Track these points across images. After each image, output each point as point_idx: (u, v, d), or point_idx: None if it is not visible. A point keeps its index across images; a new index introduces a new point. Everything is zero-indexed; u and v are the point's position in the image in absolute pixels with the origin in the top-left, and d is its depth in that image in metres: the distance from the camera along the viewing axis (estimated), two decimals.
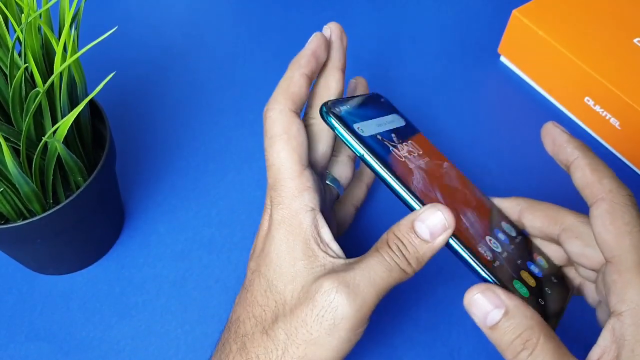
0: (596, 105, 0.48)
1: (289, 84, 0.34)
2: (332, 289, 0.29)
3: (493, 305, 0.29)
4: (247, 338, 0.31)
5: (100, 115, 0.39)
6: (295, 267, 0.31)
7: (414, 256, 0.30)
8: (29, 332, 0.39)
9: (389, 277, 0.30)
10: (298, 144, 0.32)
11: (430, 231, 0.30)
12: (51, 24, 0.34)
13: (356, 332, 0.30)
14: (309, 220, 0.32)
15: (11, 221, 0.36)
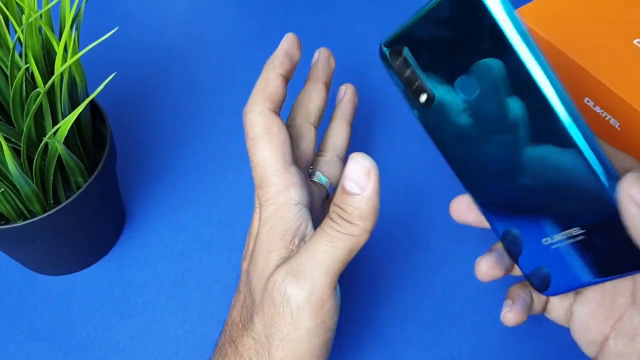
0: (596, 106, 0.48)
1: (266, 85, 0.34)
2: (281, 283, 0.29)
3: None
4: (238, 342, 0.31)
5: (100, 116, 0.39)
6: (266, 260, 0.31)
7: (354, 214, 0.29)
8: (29, 332, 0.39)
9: (333, 248, 0.29)
10: (280, 142, 0.33)
11: (356, 182, 0.28)
12: (52, 25, 0.34)
13: (321, 317, 0.29)
14: (292, 213, 0.31)
15: (12, 221, 0.36)
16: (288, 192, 0.32)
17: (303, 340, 0.29)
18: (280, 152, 0.32)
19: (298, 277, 0.29)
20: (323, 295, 0.29)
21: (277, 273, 0.29)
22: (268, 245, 0.31)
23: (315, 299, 0.29)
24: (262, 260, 0.31)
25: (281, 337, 0.29)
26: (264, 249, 0.31)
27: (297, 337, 0.29)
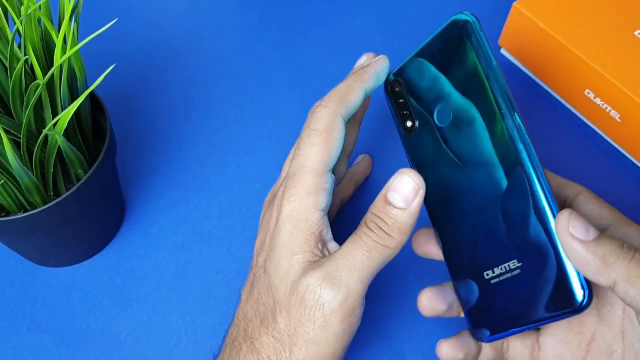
0: (596, 97, 0.48)
1: (348, 91, 0.34)
2: (316, 286, 0.29)
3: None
4: (255, 338, 0.31)
5: (100, 108, 0.39)
6: (290, 261, 0.31)
7: (394, 227, 0.30)
8: (31, 323, 0.39)
9: (370, 258, 0.30)
10: (333, 146, 0.32)
11: (404, 197, 0.30)
12: (51, 16, 0.34)
13: (350, 323, 0.30)
14: (316, 219, 0.31)
15: (12, 213, 0.36)
16: (317, 197, 0.31)
17: (329, 343, 0.30)
18: (328, 155, 0.32)
19: (334, 283, 0.29)
20: (355, 302, 0.30)
21: (311, 276, 0.30)
22: (291, 246, 0.31)
23: (348, 306, 0.29)
24: (284, 260, 0.31)
25: (307, 339, 0.30)
26: (287, 250, 0.31)
27: (324, 340, 0.30)
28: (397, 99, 0.34)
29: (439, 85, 0.31)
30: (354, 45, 0.56)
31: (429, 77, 0.32)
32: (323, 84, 0.52)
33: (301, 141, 0.33)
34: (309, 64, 0.54)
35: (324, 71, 0.53)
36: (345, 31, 0.57)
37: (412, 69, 0.33)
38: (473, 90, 0.29)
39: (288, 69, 0.54)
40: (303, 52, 0.55)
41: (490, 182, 0.29)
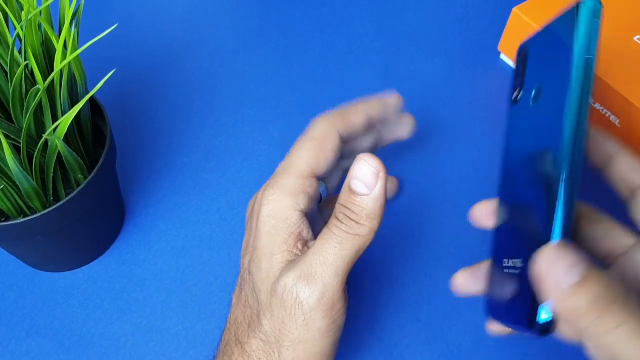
0: (596, 102, 0.48)
1: (350, 110, 0.34)
2: (292, 286, 0.29)
3: (575, 261, 0.24)
4: (244, 342, 0.31)
5: (100, 113, 0.39)
6: (270, 262, 0.31)
7: (362, 214, 0.29)
8: (30, 328, 0.39)
9: (342, 249, 0.29)
10: (324, 154, 0.33)
11: (365, 183, 0.29)
12: (51, 21, 0.34)
13: (332, 317, 0.30)
14: (295, 218, 0.31)
15: (11, 218, 0.36)
16: (297, 197, 0.32)
17: (315, 340, 0.30)
18: (316, 161, 0.32)
19: (309, 280, 0.29)
20: (334, 296, 0.29)
21: (287, 276, 0.30)
22: (271, 246, 0.31)
23: (327, 300, 0.29)
24: (265, 261, 0.31)
25: (292, 339, 0.30)
26: (267, 250, 0.31)
27: (310, 338, 0.29)
28: (518, 67, 0.33)
29: (546, 64, 0.30)
30: (353, 50, 0.56)
31: (544, 53, 0.30)
32: (322, 89, 0.53)
33: (294, 146, 0.33)
34: (309, 68, 0.54)
35: (323, 76, 0.54)
36: (345, 36, 0.57)
37: (539, 41, 0.31)
38: (563, 79, 0.27)
39: (288, 74, 0.54)
40: (303, 56, 0.55)
41: (543, 174, 0.28)
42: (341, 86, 0.53)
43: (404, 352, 0.39)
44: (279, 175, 0.33)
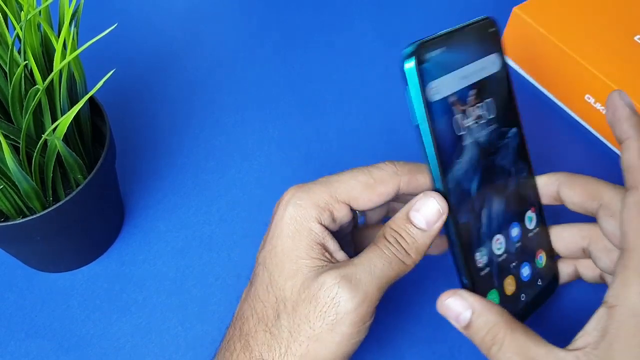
0: (596, 102, 0.47)
1: (418, 171, 0.33)
2: (334, 285, 0.29)
3: (462, 308, 0.31)
4: (250, 336, 0.31)
5: (100, 113, 0.39)
6: (297, 264, 0.31)
7: (412, 246, 0.31)
8: (29, 329, 0.39)
9: (390, 269, 0.30)
10: (369, 195, 0.32)
11: (426, 219, 0.31)
12: (51, 22, 0.34)
13: (359, 328, 0.30)
14: (318, 230, 0.31)
15: (11, 219, 0.36)
16: (322, 212, 0.32)
17: (333, 344, 0.29)
18: (357, 196, 0.32)
19: (353, 284, 0.29)
20: (369, 308, 0.30)
21: (328, 275, 0.30)
22: (296, 250, 0.31)
23: (363, 310, 0.29)
24: (290, 263, 0.31)
25: (310, 335, 0.29)
26: (292, 253, 0.31)
27: (329, 339, 0.29)
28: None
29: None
30: (353, 51, 0.56)
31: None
32: (323, 90, 0.52)
33: (353, 169, 0.33)
34: (309, 69, 0.54)
35: (323, 76, 0.54)
36: (345, 37, 0.57)
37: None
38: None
39: (288, 75, 0.54)
40: (303, 57, 0.55)
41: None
42: (341, 87, 0.53)
43: (404, 353, 0.39)
44: (316, 184, 0.32)
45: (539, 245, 0.36)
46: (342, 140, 0.49)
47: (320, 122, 0.50)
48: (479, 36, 0.32)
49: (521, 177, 0.35)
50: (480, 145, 0.32)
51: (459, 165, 0.31)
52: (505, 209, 0.34)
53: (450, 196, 0.31)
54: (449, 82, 0.31)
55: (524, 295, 0.35)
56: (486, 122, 0.32)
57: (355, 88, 0.53)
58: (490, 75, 0.33)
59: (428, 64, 0.30)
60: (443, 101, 0.30)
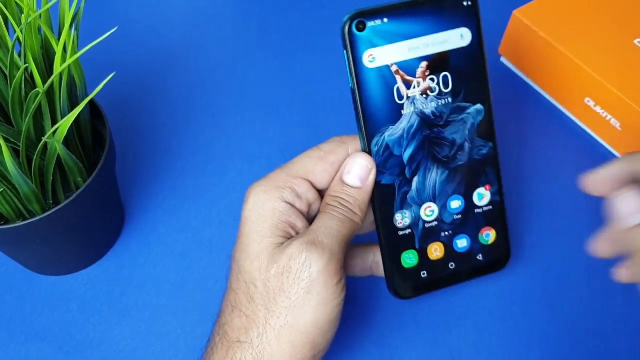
0: (596, 105, 0.48)
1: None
2: (301, 251, 0.31)
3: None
4: (227, 325, 0.32)
5: (99, 116, 0.39)
6: (260, 244, 0.32)
7: (355, 204, 0.33)
8: (29, 332, 0.39)
9: (343, 227, 0.32)
10: (323, 164, 0.34)
11: (358, 177, 0.33)
12: (51, 24, 0.34)
13: (332, 287, 0.30)
14: (282, 208, 0.33)
15: (11, 221, 0.36)
16: (282, 190, 0.33)
17: (311, 307, 0.30)
18: (312, 167, 0.34)
19: (317, 246, 0.31)
20: (337, 265, 0.31)
21: (293, 245, 0.31)
22: (259, 231, 0.32)
23: (332, 267, 0.31)
24: (255, 244, 0.32)
25: (287, 304, 0.30)
26: (256, 235, 0.32)
27: (306, 302, 0.30)
28: None
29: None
30: None
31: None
32: (323, 91, 0.52)
33: (304, 152, 0.34)
34: (309, 71, 0.54)
35: (324, 78, 0.54)
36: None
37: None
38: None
39: (288, 76, 0.54)
40: (303, 59, 0.55)
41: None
42: (341, 89, 0.53)
43: (403, 357, 0.39)
44: (273, 171, 0.34)
45: (488, 223, 0.37)
46: None
47: (320, 124, 0.50)
48: (448, 9, 0.33)
49: (479, 153, 0.35)
50: (423, 115, 0.33)
51: (390, 131, 0.33)
52: (447, 180, 0.35)
53: (374, 157, 0.33)
54: (392, 51, 0.32)
55: (452, 264, 0.36)
56: (437, 94, 0.34)
57: None
58: (453, 50, 0.33)
59: (367, 32, 0.31)
60: (382, 68, 0.32)
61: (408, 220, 0.35)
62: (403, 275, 0.36)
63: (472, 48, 0.34)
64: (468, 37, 0.33)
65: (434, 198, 0.35)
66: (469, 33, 0.33)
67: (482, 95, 0.35)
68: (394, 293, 0.36)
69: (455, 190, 0.35)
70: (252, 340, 0.31)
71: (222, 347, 0.31)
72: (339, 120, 0.50)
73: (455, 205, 0.36)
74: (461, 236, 0.36)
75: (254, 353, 0.30)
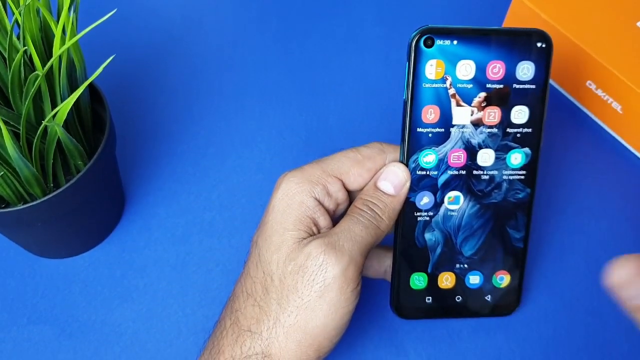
0: (598, 89, 0.47)
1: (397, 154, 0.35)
2: (320, 253, 0.30)
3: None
4: (239, 312, 0.32)
5: (99, 99, 0.39)
6: (283, 236, 0.32)
7: (385, 211, 0.33)
8: (31, 314, 0.40)
9: (367, 235, 0.32)
10: (359, 168, 0.34)
11: (393, 185, 0.33)
12: (50, 7, 0.34)
13: (346, 295, 0.30)
14: (310, 204, 0.32)
15: (12, 205, 0.36)
16: (315, 186, 0.33)
17: (322, 311, 0.30)
18: (347, 170, 0.34)
19: (337, 250, 0.30)
20: (355, 272, 0.31)
21: (312, 245, 0.31)
22: (284, 222, 0.32)
23: (349, 275, 0.30)
24: (277, 236, 0.32)
25: (299, 304, 0.30)
26: (279, 226, 0.32)
27: (318, 306, 0.30)
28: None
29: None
30: (353, 37, 0.55)
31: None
32: (323, 76, 0.52)
33: (343, 150, 0.35)
34: (309, 55, 0.54)
35: (323, 62, 0.53)
36: (345, 22, 0.57)
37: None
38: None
39: (288, 61, 0.53)
40: (303, 43, 0.55)
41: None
42: (342, 73, 0.53)
43: (404, 339, 0.39)
44: (309, 164, 0.34)
45: (506, 267, 0.36)
46: (342, 126, 0.49)
47: (320, 108, 0.50)
48: (520, 45, 0.33)
49: (515, 197, 0.35)
50: (469, 145, 0.33)
51: (432, 152, 0.33)
52: (476, 214, 0.35)
53: (411, 173, 0.33)
54: (455, 74, 0.32)
55: (460, 298, 0.36)
56: (488, 127, 0.33)
57: (355, 74, 0.52)
58: (515, 88, 0.33)
59: (434, 49, 0.31)
60: (439, 90, 0.32)
61: (427, 243, 0.35)
62: (408, 295, 0.35)
63: (536, 91, 0.33)
64: (534, 79, 0.33)
65: (458, 229, 0.35)
66: (535, 74, 0.33)
67: (533, 140, 0.34)
68: (394, 310, 0.36)
69: (482, 226, 0.35)
70: (262, 333, 0.31)
71: (233, 333, 0.31)
72: (338, 104, 0.50)
73: (477, 241, 0.35)
74: (475, 272, 0.36)
75: (263, 345, 0.30)
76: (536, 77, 0.33)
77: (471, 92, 0.32)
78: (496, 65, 0.32)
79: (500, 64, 0.32)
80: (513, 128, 0.34)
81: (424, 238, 0.35)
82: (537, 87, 0.33)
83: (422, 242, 0.35)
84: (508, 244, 0.36)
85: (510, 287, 0.37)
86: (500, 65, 0.32)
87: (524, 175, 0.35)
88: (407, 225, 0.34)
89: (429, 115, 0.32)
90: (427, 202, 0.34)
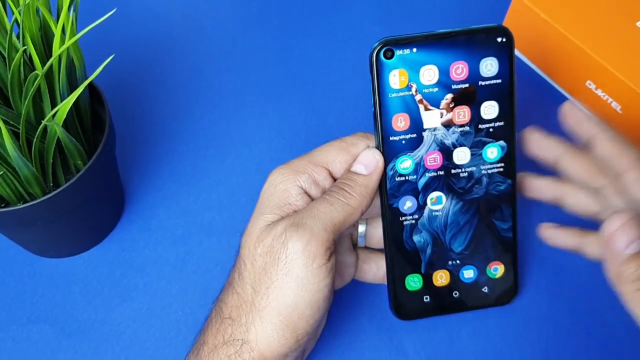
0: (598, 89, 0.47)
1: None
2: (282, 232, 0.31)
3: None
4: (222, 302, 0.33)
5: (99, 99, 0.39)
6: (258, 220, 0.33)
7: (354, 187, 0.32)
8: (31, 314, 0.40)
9: (334, 211, 0.32)
10: (344, 154, 0.34)
11: (364, 164, 0.33)
12: (49, 6, 0.34)
13: (312, 270, 0.30)
14: (293, 191, 0.33)
15: (11, 204, 0.36)
16: (300, 175, 0.33)
17: (290, 289, 0.30)
18: (333, 157, 0.34)
19: (298, 228, 0.31)
20: (319, 248, 0.30)
21: (278, 225, 0.31)
22: (262, 208, 0.33)
23: (311, 250, 0.30)
24: (253, 221, 0.33)
25: (269, 285, 0.31)
26: (258, 212, 0.33)
27: (286, 284, 0.30)
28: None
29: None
30: (353, 35, 0.55)
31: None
32: (323, 74, 0.52)
33: (340, 140, 0.35)
34: (309, 53, 0.54)
35: (323, 61, 0.53)
36: (345, 20, 0.56)
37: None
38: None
39: (288, 59, 0.53)
40: (302, 41, 0.55)
41: None
42: (342, 72, 0.53)
43: (403, 338, 0.39)
44: (296, 158, 0.35)
45: (498, 258, 0.37)
46: (342, 126, 0.49)
47: (320, 108, 0.50)
48: (480, 43, 0.33)
49: (496, 189, 0.35)
50: (443, 146, 0.34)
51: (407, 157, 0.34)
52: (460, 211, 0.35)
53: (390, 181, 0.34)
54: (419, 80, 0.33)
55: (457, 293, 0.37)
56: (460, 127, 0.34)
57: (354, 72, 0.52)
58: (481, 85, 0.33)
59: (395, 60, 0.32)
60: (406, 97, 0.33)
61: (417, 245, 0.35)
62: (406, 297, 0.36)
63: (502, 85, 0.34)
64: (500, 75, 0.33)
65: (445, 227, 0.35)
66: (499, 69, 0.33)
67: (506, 132, 0.34)
68: (395, 313, 0.36)
69: (467, 222, 0.35)
70: (240, 319, 0.31)
71: (216, 322, 0.32)
72: (338, 102, 0.50)
73: (466, 237, 0.36)
74: (468, 267, 0.36)
75: (242, 332, 0.31)
76: (501, 71, 0.33)
77: (438, 95, 0.33)
78: (459, 66, 0.33)
79: (463, 64, 0.33)
80: (485, 124, 0.34)
81: (412, 241, 0.35)
82: (504, 81, 0.33)
83: (411, 245, 0.35)
84: (497, 236, 0.36)
85: (505, 277, 0.37)
86: (463, 66, 0.33)
87: (503, 168, 0.35)
88: (395, 231, 0.35)
89: (399, 123, 0.33)
90: (410, 206, 0.35)
